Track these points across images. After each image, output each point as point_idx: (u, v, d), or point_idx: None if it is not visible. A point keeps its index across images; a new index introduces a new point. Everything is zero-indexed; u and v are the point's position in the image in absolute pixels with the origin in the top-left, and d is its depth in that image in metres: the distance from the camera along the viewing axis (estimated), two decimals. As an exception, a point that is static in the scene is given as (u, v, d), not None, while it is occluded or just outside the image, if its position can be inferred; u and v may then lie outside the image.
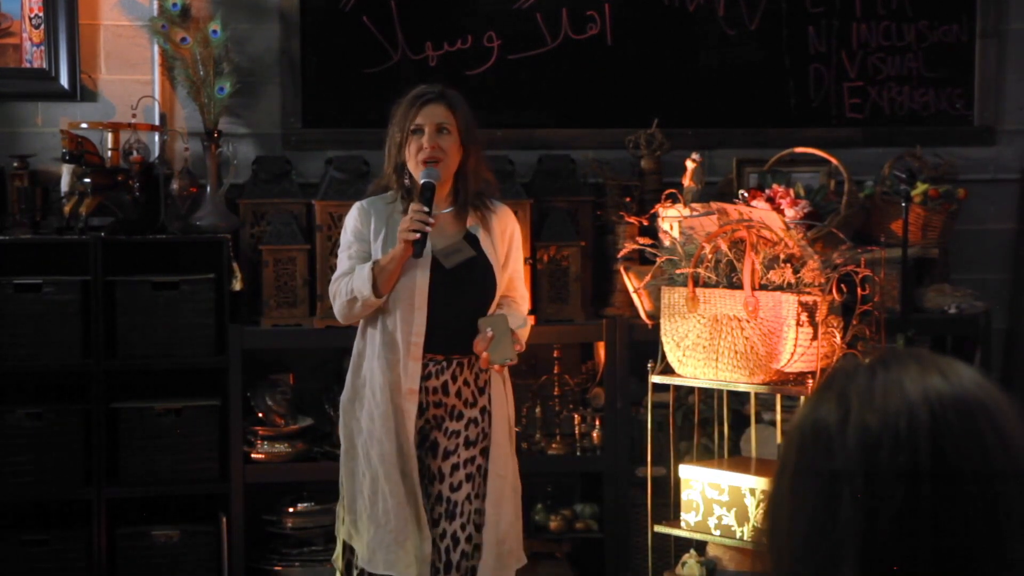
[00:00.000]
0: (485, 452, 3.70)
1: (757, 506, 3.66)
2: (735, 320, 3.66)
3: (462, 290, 3.66)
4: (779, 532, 1.25)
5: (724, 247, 3.72)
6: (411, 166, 3.66)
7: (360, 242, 3.70)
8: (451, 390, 3.67)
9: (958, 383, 1.23)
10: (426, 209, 3.55)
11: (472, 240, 3.70)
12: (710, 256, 3.75)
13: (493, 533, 3.66)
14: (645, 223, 4.41)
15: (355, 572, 3.75)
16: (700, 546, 3.91)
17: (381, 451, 3.64)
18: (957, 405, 1.21)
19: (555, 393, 4.69)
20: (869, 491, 1.18)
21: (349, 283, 3.64)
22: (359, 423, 3.70)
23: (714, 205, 3.93)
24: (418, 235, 3.52)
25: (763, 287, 3.64)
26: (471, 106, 3.78)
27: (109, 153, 4.50)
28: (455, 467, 3.67)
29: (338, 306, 3.69)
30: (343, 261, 3.73)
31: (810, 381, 3.60)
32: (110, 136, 4.51)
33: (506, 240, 3.74)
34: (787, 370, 3.63)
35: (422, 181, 3.61)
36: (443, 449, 3.69)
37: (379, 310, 3.65)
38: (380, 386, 3.64)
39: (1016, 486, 1.19)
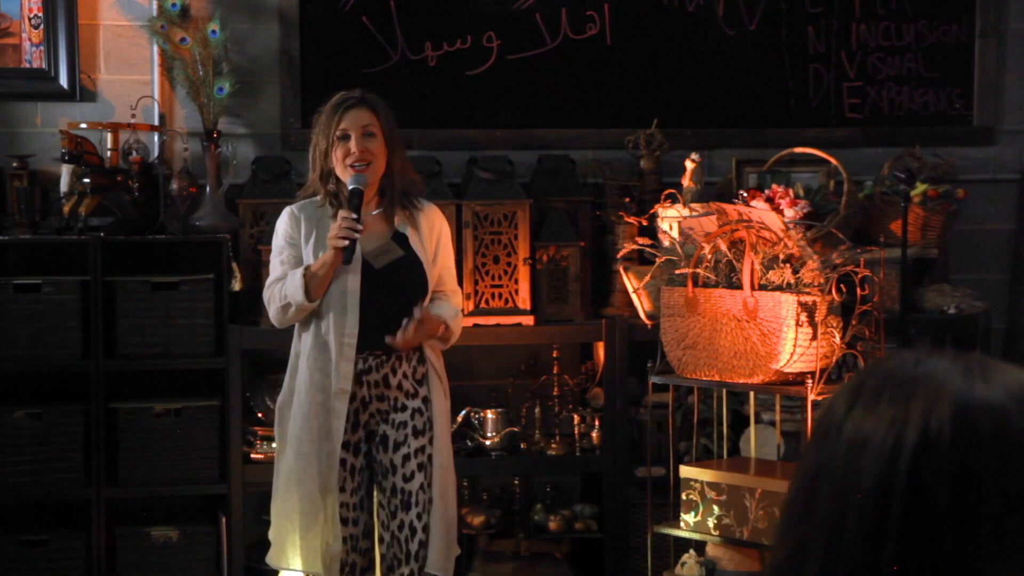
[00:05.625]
0: (432, 442, 3.77)
1: (757, 506, 3.66)
2: (735, 320, 3.66)
3: (393, 289, 3.72)
4: (780, 522, 1.25)
5: (723, 247, 3.72)
6: (339, 171, 3.72)
7: (291, 247, 3.77)
8: (392, 383, 3.74)
9: (980, 405, 1.16)
10: (355, 216, 3.62)
11: (401, 239, 3.77)
12: (709, 256, 3.75)
13: (442, 523, 3.72)
14: (645, 223, 4.41)
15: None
16: (700, 546, 3.91)
17: (300, 449, 3.71)
18: (955, 437, 1.15)
19: (555, 393, 4.68)
20: (843, 492, 1.18)
21: (282, 288, 3.71)
22: (289, 424, 3.77)
23: (713, 205, 3.93)
24: (347, 242, 3.60)
25: (763, 287, 3.64)
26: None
27: (108, 153, 4.50)
28: (406, 458, 3.73)
29: (272, 311, 3.76)
30: (276, 267, 3.80)
31: (809, 381, 3.60)
32: (109, 136, 4.51)
33: (434, 237, 3.81)
34: (786, 370, 3.63)
35: (351, 187, 3.67)
36: (393, 441, 3.75)
37: (313, 313, 3.72)
38: (308, 388, 3.72)
39: (998, 527, 1.14)
